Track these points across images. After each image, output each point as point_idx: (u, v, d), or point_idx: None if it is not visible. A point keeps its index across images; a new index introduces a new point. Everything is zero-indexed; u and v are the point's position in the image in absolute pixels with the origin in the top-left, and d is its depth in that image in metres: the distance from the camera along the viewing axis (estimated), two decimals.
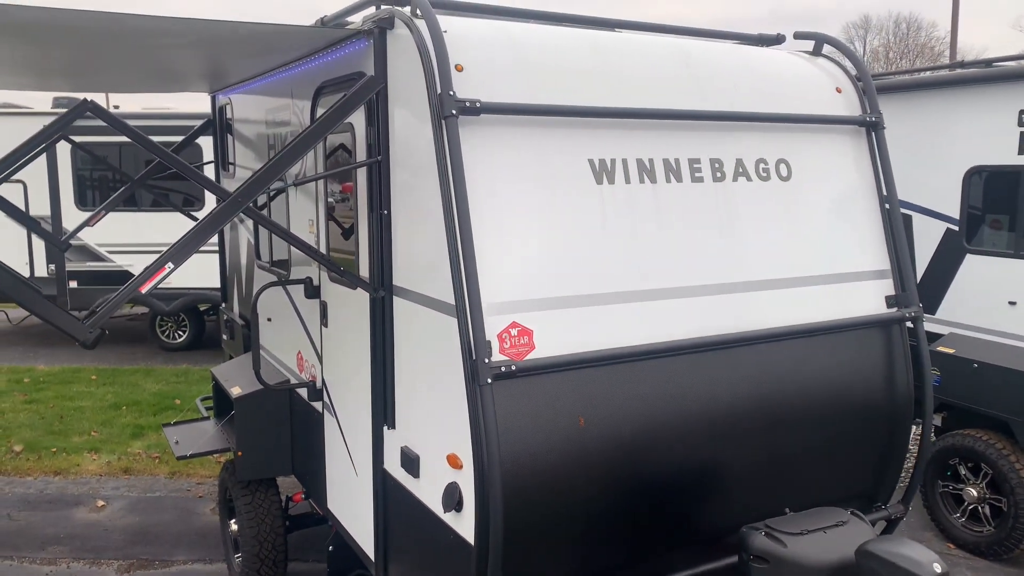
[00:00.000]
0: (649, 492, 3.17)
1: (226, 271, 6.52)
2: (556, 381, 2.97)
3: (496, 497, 2.76)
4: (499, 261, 2.93)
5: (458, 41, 3.02)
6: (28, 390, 9.92)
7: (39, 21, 2.95)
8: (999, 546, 5.59)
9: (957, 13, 21.65)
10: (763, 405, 3.42)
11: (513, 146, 3.03)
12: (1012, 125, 5.66)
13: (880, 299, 3.86)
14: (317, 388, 4.29)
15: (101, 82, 5.38)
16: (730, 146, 3.52)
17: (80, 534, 6.17)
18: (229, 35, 3.36)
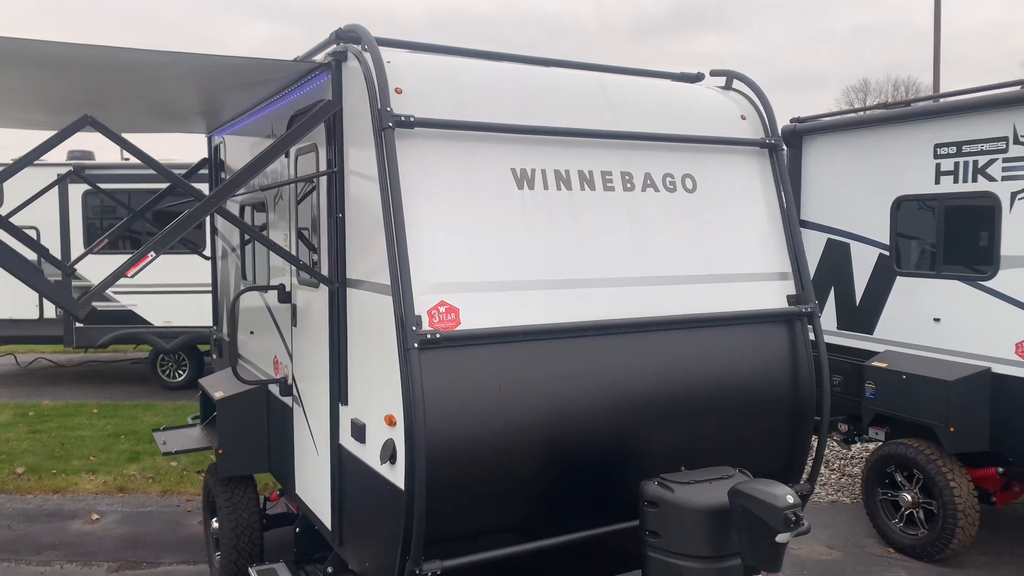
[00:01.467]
0: (562, 456, 3.63)
1: (217, 297, 7.07)
2: (479, 352, 3.48)
3: (421, 447, 3.24)
4: (430, 249, 3.47)
5: (399, 69, 3.62)
6: (32, 422, 10.40)
7: (50, 55, 3.56)
8: (932, 547, 5.96)
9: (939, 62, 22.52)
10: (668, 384, 3.91)
11: (444, 155, 3.60)
12: (929, 158, 6.25)
13: (782, 297, 4.38)
14: (288, 384, 4.79)
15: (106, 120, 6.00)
16: (639, 161, 4.09)
17: (74, 542, 6.59)
18: (219, 68, 3.97)
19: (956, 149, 6.04)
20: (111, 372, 14.22)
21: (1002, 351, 5.72)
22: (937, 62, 22.84)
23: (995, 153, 5.76)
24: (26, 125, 5.90)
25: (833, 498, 7.56)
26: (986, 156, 5.82)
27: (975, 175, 5.90)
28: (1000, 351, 5.74)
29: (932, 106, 6.29)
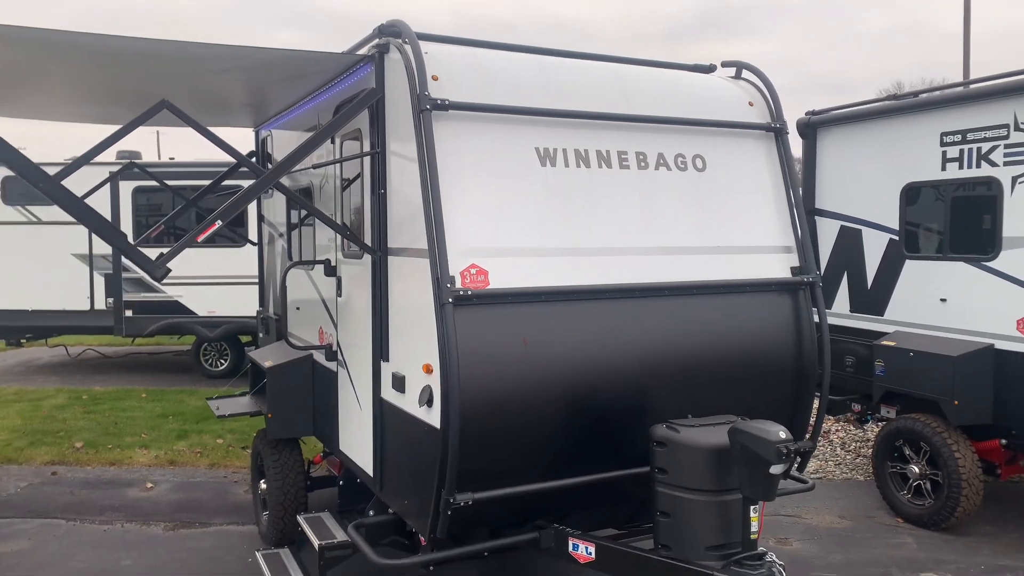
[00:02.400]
0: (579, 405, 4.03)
1: (263, 279, 7.57)
2: (506, 309, 3.91)
3: (455, 390, 3.66)
4: (463, 218, 3.90)
5: (435, 59, 4.07)
6: (87, 404, 11.02)
7: (122, 48, 4.04)
8: (938, 515, 6.25)
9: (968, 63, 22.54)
10: (678, 344, 4.30)
11: (474, 135, 4.04)
12: (936, 146, 6.56)
13: (786, 269, 4.74)
14: (333, 350, 5.25)
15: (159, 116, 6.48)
16: (652, 143, 4.49)
17: (131, 505, 7.12)
18: (275, 60, 4.45)
19: (961, 137, 6.34)
20: (155, 363, 14.88)
21: (1004, 328, 6.01)
22: (967, 63, 22.87)
23: (997, 140, 6.06)
24: (93, 119, 6.44)
25: (847, 476, 7.86)
26: (989, 143, 6.13)
27: (979, 161, 6.21)
28: (1003, 328, 6.03)
29: (938, 96, 6.60)
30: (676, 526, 3.72)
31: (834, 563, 5.78)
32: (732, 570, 3.53)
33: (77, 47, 4.04)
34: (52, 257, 12.82)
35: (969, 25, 23.09)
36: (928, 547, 6.05)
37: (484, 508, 3.88)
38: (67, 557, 5.96)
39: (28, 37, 3.81)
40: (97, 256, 12.85)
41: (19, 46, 3.97)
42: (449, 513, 3.76)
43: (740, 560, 3.56)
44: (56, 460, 8.45)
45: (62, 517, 6.80)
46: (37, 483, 7.74)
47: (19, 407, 10.88)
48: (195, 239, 3.95)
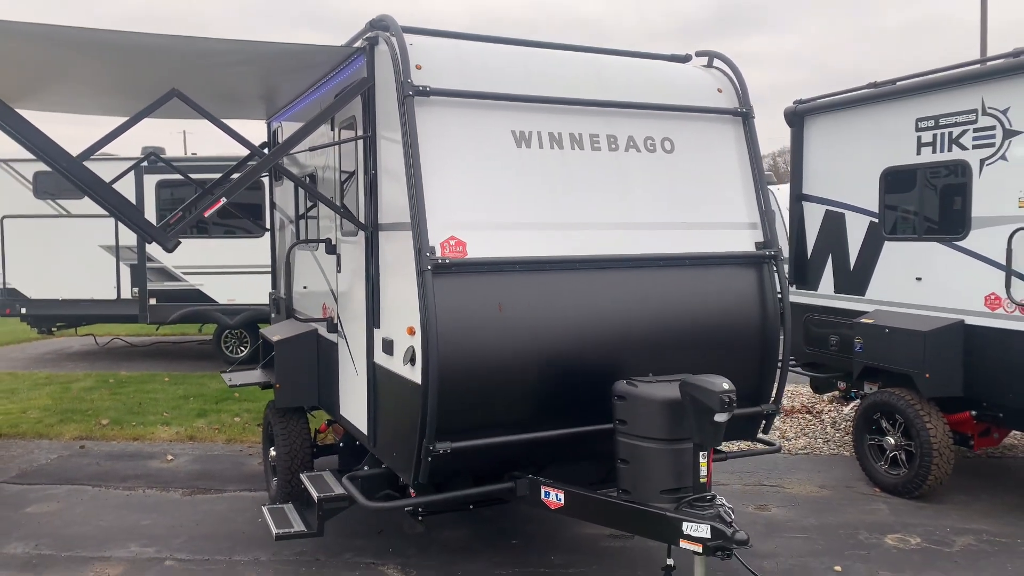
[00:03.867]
0: (550, 366, 4.41)
1: (275, 262, 8.02)
2: (482, 277, 4.30)
3: (434, 348, 4.06)
4: (443, 194, 4.29)
5: (419, 50, 4.47)
6: (112, 387, 11.58)
7: (140, 44, 4.48)
8: (911, 483, 6.55)
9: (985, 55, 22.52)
10: (646, 312, 4.66)
11: (454, 119, 4.43)
12: (911, 131, 6.85)
13: (751, 244, 5.09)
14: (334, 323, 5.67)
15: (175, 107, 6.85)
16: (623, 126, 4.86)
17: (153, 475, 7.61)
18: (279, 53, 4.87)
19: (934, 122, 6.63)
20: (178, 351, 15.45)
21: (973, 304, 6.29)
22: (984, 55, 22.86)
23: (966, 124, 6.34)
24: (112, 111, 6.89)
25: (834, 452, 8.15)
26: (959, 127, 6.41)
27: (950, 145, 6.49)
28: (972, 304, 6.31)
29: (914, 83, 6.87)
30: (634, 472, 4.09)
31: (807, 526, 6.10)
32: (683, 510, 3.89)
33: (96, 43, 4.48)
34: (81, 249, 13.40)
35: (986, 17, 23.08)
36: (900, 513, 6.35)
37: (463, 458, 4.27)
38: (93, 517, 6.44)
39: (52, 35, 4.26)
40: (123, 247, 13.42)
41: (45, 43, 4.42)
42: (429, 460, 4.16)
43: (691, 502, 3.92)
44: (84, 435, 8.98)
45: (89, 484, 7.30)
46: (66, 455, 8.26)
47: (49, 389, 11.47)
48: (203, 214, 4.38)
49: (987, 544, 5.73)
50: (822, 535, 5.91)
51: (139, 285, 13.21)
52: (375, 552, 5.64)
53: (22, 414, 9.89)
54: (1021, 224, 5.93)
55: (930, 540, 5.80)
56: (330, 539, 5.80)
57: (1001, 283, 6.07)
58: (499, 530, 6.05)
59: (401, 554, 5.60)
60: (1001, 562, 5.43)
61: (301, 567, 5.41)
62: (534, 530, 6.04)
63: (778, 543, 5.76)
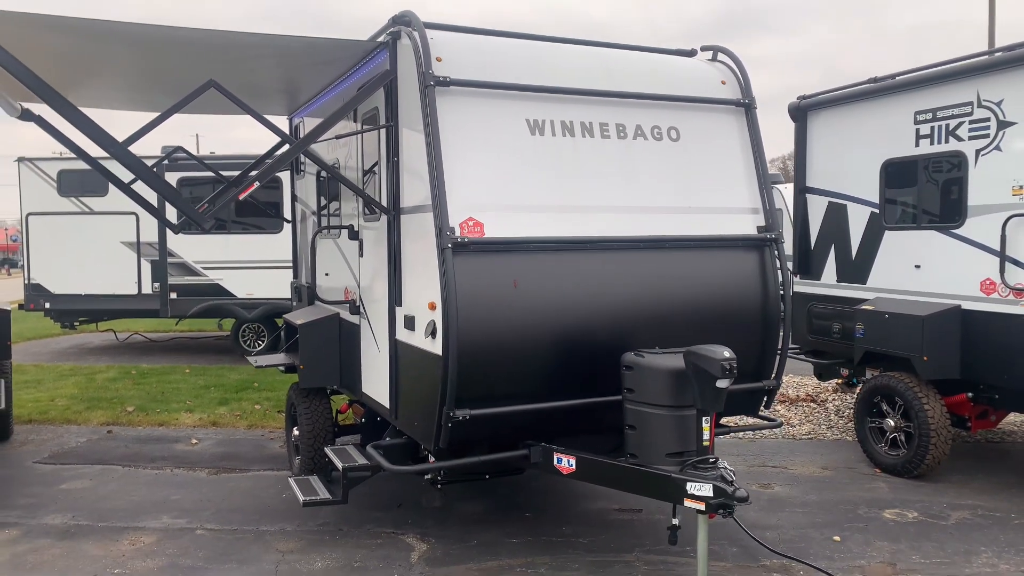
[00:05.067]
0: (562, 340, 4.69)
1: (296, 252, 8.33)
2: (499, 256, 4.59)
3: (454, 320, 4.35)
4: (462, 178, 4.58)
5: (439, 43, 4.76)
6: (135, 378, 11.93)
7: (163, 37, 4.77)
8: (910, 463, 6.79)
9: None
10: (653, 291, 4.94)
11: (472, 108, 4.72)
12: (910, 124, 7.09)
13: (753, 227, 5.35)
14: (356, 305, 5.97)
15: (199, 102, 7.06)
16: (631, 116, 5.14)
17: (179, 456, 7.92)
18: (304, 47, 5.17)
19: (932, 115, 6.87)
20: (197, 346, 15.81)
21: (970, 289, 6.53)
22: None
23: (962, 116, 6.59)
24: (142, 107, 7.20)
25: (837, 437, 8.39)
26: (956, 119, 6.65)
27: (947, 137, 6.73)
28: (968, 290, 6.55)
29: (912, 78, 7.12)
30: (641, 437, 4.36)
31: (808, 502, 6.35)
32: (687, 472, 4.16)
33: (134, 36, 4.78)
34: (103, 245, 13.76)
35: (994, 15, 23.21)
36: (898, 490, 6.59)
37: (480, 425, 4.56)
38: (125, 492, 6.76)
39: (92, 28, 4.56)
40: (144, 243, 13.78)
41: (85, 36, 4.73)
42: (450, 426, 4.44)
43: (694, 464, 4.18)
44: (111, 421, 9.31)
45: (119, 464, 7.62)
46: (95, 439, 8.59)
47: (75, 380, 11.82)
48: (237, 197, 4.67)
49: (981, 518, 5.96)
50: (823, 510, 6.16)
51: (160, 280, 13.56)
52: (394, 523, 5.93)
53: (50, 402, 10.23)
54: (1015, 211, 6.16)
55: (926, 514, 6.04)
56: (352, 511, 6.09)
57: (996, 269, 6.31)
58: (512, 504, 6.32)
59: (419, 525, 5.88)
60: (994, 534, 5.66)
61: (325, 535, 5.70)
62: (545, 504, 6.32)
63: (780, 516, 6.01)
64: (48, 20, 4.38)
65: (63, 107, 4.26)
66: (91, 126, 4.33)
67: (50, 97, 4.27)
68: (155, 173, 4.70)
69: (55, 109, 4.30)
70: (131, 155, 4.52)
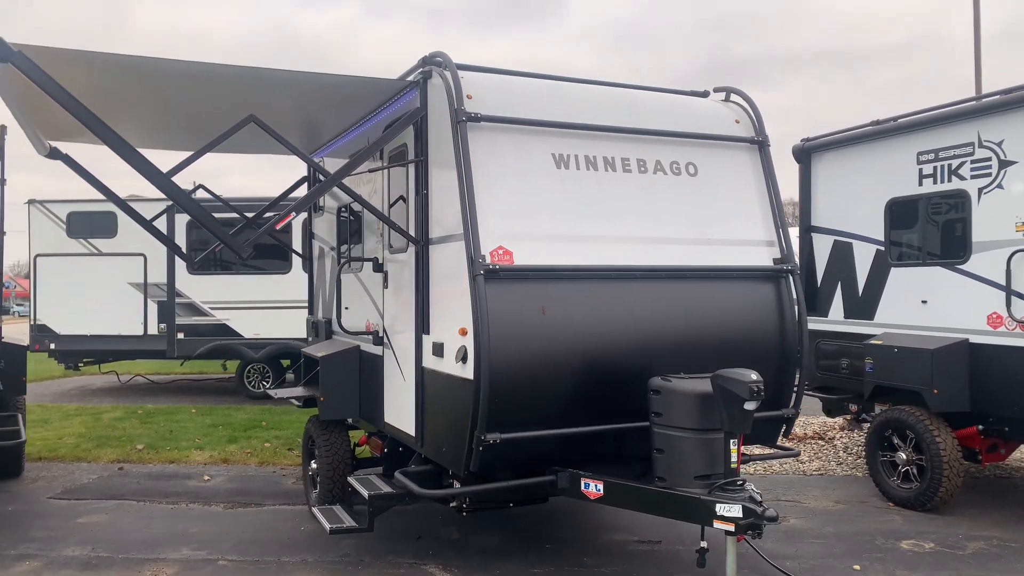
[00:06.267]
0: (589, 366, 4.80)
1: (312, 289, 8.44)
2: (527, 283, 4.73)
3: (485, 345, 4.47)
4: (492, 209, 4.75)
5: (469, 82, 4.98)
6: (142, 417, 11.92)
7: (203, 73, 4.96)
8: (923, 496, 6.86)
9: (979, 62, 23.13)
10: (675, 318, 5.08)
11: (501, 143, 4.92)
12: (913, 164, 7.34)
13: (770, 259, 5.52)
14: (379, 336, 6.08)
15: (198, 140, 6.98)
16: (651, 152, 5.34)
17: (192, 491, 7.92)
18: (333, 84, 5.37)
19: (934, 155, 7.12)
20: (200, 387, 15.80)
21: (977, 323, 6.69)
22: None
23: (964, 156, 6.83)
24: (170, 145, 7.38)
25: (847, 473, 8.45)
26: (958, 159, 6.90)
27: (950, 176, 6.97)
28: (975, 323, 6.71)
29: (914, 120, 7.39)
30: (669, 460, 4.46)
31: (825, 533, 6.40)
32: (716, 494, 4.25)
33: (173, 73, 4.97)
34: (110, 286, 13.84)
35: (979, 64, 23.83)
36: (913, 522, 6.65)
37: (509, 449, 4.64)
38: (143, 526, 6.76)
39: (139, 66, 4.76)
40: (151, 284, 13.88)
41: (131, 74, 4.93)
42: (480, 449, 4.53)
43: (722, 486, 4.27)
44: (121, 459, 9.30)
45: (133, 499, 7.62)
46: (107, 475, 8.58)
47: (81, 419, 11.81)
48: (275, 226, 4.82)
49: (997, 548, 6.02)
50: (840, 541, 6.21)
51: (167, 320, 13.61)
52: (415, 554, 5.94)
53: (58, 440, 10.22)
54: (1019, 247, 6.36)
55: (943, 545, 6.10)
56: (372, 542, 6.11)
57: (1002, 303, 6.48)
58: (531, 536, 6.35)
59: (440, 556, 5.90)
60: (1011, 563, 5.72)
61: (347, 566, 5.72)
62: (565, 535, 6.35)
63: (799, 547, 6.06)
64: (95, 57, 4.57)
65: (110, 138, 4.42)
66: (136, 158, 4.49)
67: (98, 128, 4.43)
68: (198, 204, 4.86)
69: (104, 140, 4.46)
70: (172, 184, 4.67)
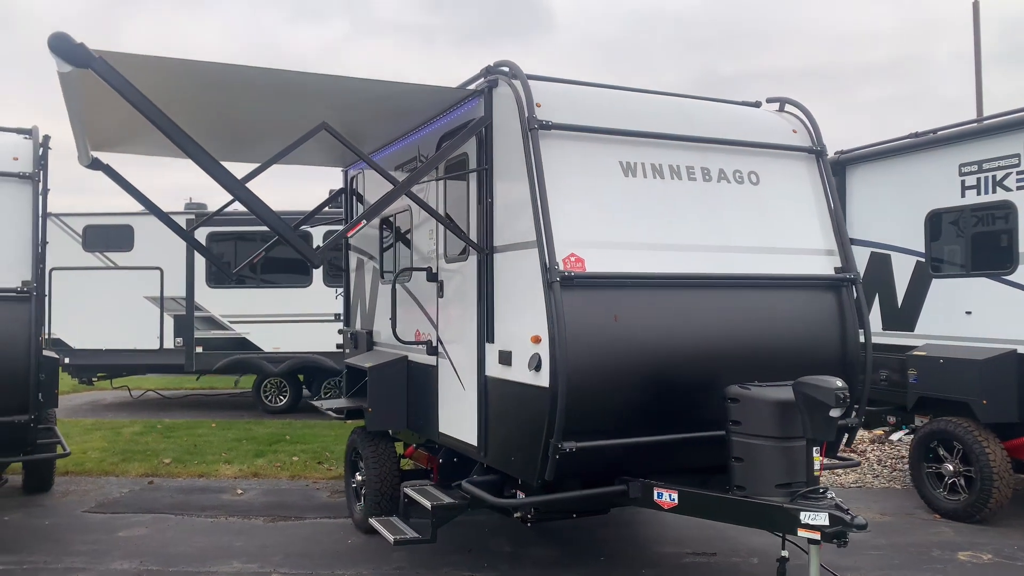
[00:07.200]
0: (660, 373, 4.78)
1: (350, 301, 8.39)
2: (600, 290, 4.71)
3: (562, 351, 4.43)
4: (564, 216, 4.73)
5: (538, 91, 4.97)
6: (162, 432, 11.80)
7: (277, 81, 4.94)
8: (972, 507, 6.83)
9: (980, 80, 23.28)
10: (742, 326, 5.06)
11: (570, 150, 4.91)
12: (955, 176, 7.37)
13: (831, 268, 5.52)
14: (433, 345, 6.03)
15: (256, 151, 6.86)
16: (714, 160, 5.35)
17: (228, 505, 7.83)
18: (396, 92, 5.35)
19: (978, 167, 7.16)
20: (213, 402, 15.67)
21: None
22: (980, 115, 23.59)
23: (1009, 167, 6.86)
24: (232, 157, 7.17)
25: (884, 485, 8.42)
26: (1003, 171, 6.93)
27: (994, 187, 7.00)
28: (1023, 334, 6.71)
29: (955, 132, 7.44)
30: (749, 469, 4.42)
31: (879, 545, 6.36)
32: (800, 502, 4.21)
33: (248, 80, 4.94)
34: (125, 299, 13.74)
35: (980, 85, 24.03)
36: (965, 534, 6.62)
37: (583, 458, 4.59)
38: (186, 539, 6.66)
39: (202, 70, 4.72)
40: (168, 298, 13.79)
41: (194, 79, 4.89)
42: (557, 458, 4.48)
43: (805, 494, 4.24)
44: (149, 472, 9.19)
45: (170, 512, 7.52)
46: (138, 489, 8.47)
47: (100, 434, 11.68)
48: (346, 234, 4.79)
49: None
50: (896, 553, 6.17)
51: (186, 334, 13.51)
52: (470, 566, 5.88)
53: (83, 454, 10.09)
54: None
55: (1000, 556, 6.06)
56: (424, 555, 6.04)
57: None
58: (583, 548, 6.29)
59: (495, 568, 5.84)
60: None
61: None
62: (615, 548, 6.29)
63: (857, 559, 6.01)
64: (174, 64, 4.53)
65: (188, 145, 4.39)
66: (215, 165, 4.46)
67: (176, 135, 4.40)
68: (273, 212, 4.82)
69: (181, 147, 4.43)
70: (248, 191, 4.64)
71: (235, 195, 4.61)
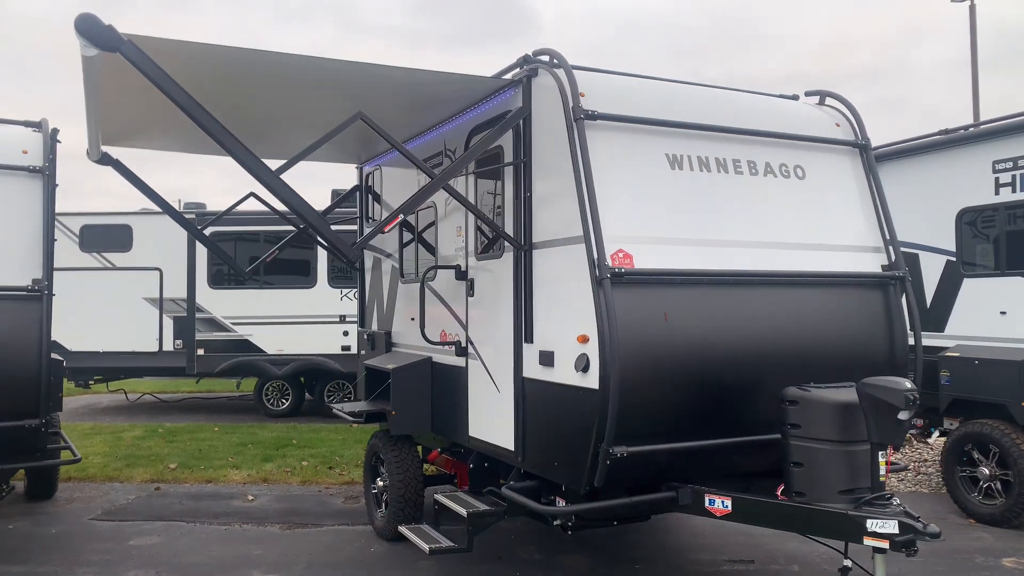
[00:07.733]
0: (711, 374, 4.58)
1: (365, 302, 8.15)
2: (648, 287, 4.51)
3: (615, 352, 4.23)
4: (611, 211, 4.52)
5: (582, 80, 4.76)
6: (165, 436, 11.50)
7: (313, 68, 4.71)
8: (1010, 512, 6.66)
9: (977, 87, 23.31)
10: (792, 325, 4.87)
11: (615, 142, 4.71)
12: (988, 173, 7.22)
13: (878, 266, 5.34)
14: (462, 346, 5.81)
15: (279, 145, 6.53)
16: (760, 153, 5.16)
17: (241, 512, 7.57)
18: (433, 82, 5.12)
19: (1012, 164, 7.00)
20: (212, 406, 15.35)
21: None
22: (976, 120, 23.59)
23: None
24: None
25: (912, 489, 8.26)
26: None
27: None
28: None
29: (988, 128, 7.29)
30: (810, 474, 4.22)
31: (920, 552, 6.16)
32: (866, 509, 4.02)
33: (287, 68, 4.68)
34: (124, 301, 13.43)
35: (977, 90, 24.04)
36: (1004, 539, 6.45)
37: (633, 463, 4.38)
38: (201, 548, 6.40)
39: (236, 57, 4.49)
40: (167, 299, 13.49)
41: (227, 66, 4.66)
42: (608, 463, 4.27)
43: (871, 500, 4.04)
44: (155, 478, 8.91)
45: (181, 520, 7.25)
46: (144, 496, 8.20)
47: (101, 438, 11.37)
48: (383, 229, 4.57)
49: None
50: (938, 559, 5.99)
51: (187, 336, 13.21)
52: (504, 574, 5.66)
53: (85, 459, 9.78)
54: None
55: None
56: (453, 564, 5.82)
57: None
58: (617, 556, 6.08)
59: None
60: None
61: None
62: (648, 556, 6.09)
63: (899, 566, 5.82)
64: (206, 49, 4.30)
65: (221, 134, 4.17)
66: (248, 157, 4.24)
67: (208, 123, 4.17)
68: (304, 201, 4.58)
69: (213, 135, 4.20)
70: (282, 182, 4.41)
71: (269, 187, 4.38)
